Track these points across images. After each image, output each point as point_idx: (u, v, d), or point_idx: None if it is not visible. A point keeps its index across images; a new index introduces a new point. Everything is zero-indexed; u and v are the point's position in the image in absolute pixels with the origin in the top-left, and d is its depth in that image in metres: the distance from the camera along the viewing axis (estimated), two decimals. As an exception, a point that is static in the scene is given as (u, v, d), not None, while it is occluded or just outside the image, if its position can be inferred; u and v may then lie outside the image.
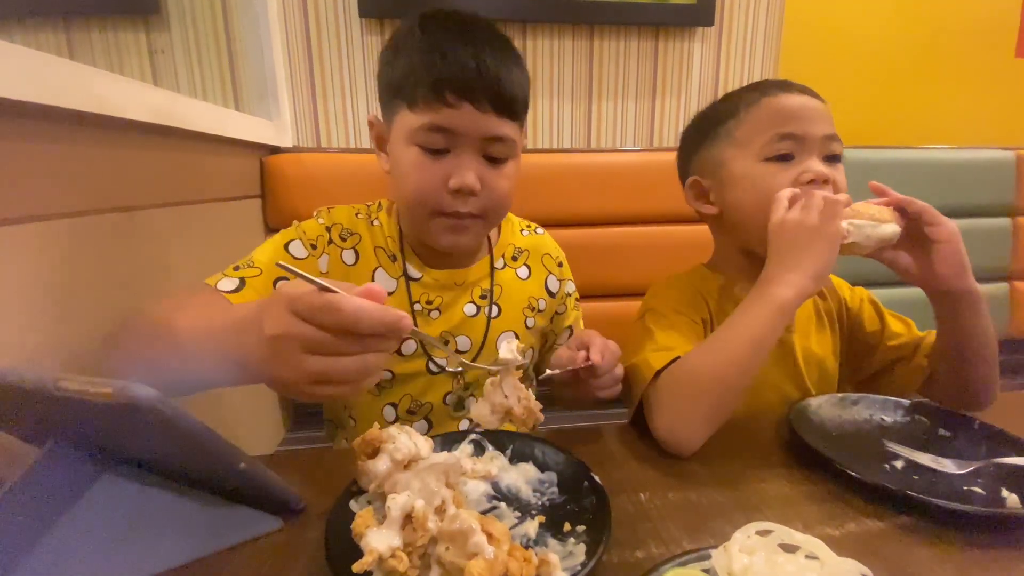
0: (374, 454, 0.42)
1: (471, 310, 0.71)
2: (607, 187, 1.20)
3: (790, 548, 0.36)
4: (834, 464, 0.48)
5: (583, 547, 0.38)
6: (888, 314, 0.74)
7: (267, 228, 1.09)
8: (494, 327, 0.72)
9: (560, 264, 0.81)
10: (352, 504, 0.42)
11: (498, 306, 0.73)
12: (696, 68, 1.41)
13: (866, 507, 0.45)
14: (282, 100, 1.20)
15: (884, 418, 0.61)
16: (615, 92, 1.39)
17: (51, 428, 0.38)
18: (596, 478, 0.44)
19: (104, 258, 0.57)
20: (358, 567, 0.32)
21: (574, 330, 0.81)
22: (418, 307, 0.69)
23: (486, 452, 0.51)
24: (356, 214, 0.71)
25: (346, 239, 0.69)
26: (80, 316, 0.51)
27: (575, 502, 0.44)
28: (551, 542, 0.40)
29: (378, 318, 0.35)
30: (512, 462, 0.50)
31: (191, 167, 0.80)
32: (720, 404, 0.55)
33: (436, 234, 0.65)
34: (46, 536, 0.35)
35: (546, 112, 1.37)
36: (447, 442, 0.50)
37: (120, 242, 0.60)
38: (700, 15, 1.34)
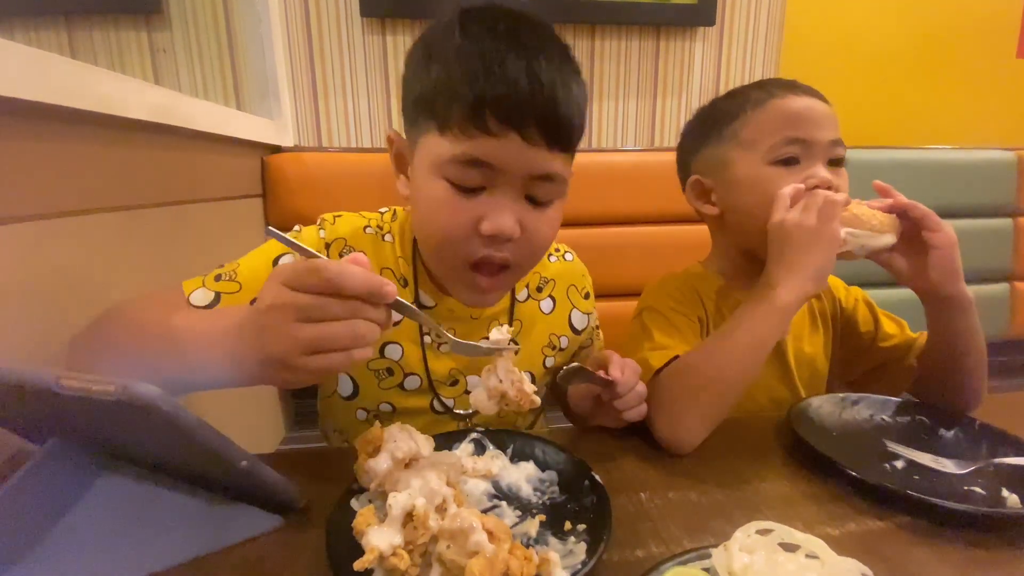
0: (375, 452, 0.42)
1: None
2: (607, 187, 1.20)
3: (790, 547, 0.36)
4: (835, 464, 0.48)
5: (584, 546, 0.38)
6: (882, 315, 0.74)
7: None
8: None
9: (587, 295, 0.73)
10: (353, 502, 0.42)
11: (516, 343, 0.69)
12: (697, 68, 1.41)
13: (866, 507, 0.45)
14: (283, 99, 1.20)
15: (884, 418, 0.61)
16: (616, 92, 1.39)
17: (52, 426, 0.38)
18: (597, 477, 0.44)
19: (105, 257, 0.57)
20: (359, 565, 0.32)
21: (592, 352, 0.75)
22: (428, 339, 0.62)
23: (487, 451, 0.51)
24: (364, 228, 0.62)
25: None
26: (80, 316, 0.51)
27: (576, 501, 0.44)
28: (552, 541, 0.40)
29: (361, 279, 0.36)
30: (513, 461, 0.50)
31: (192, 166, 0.79)
32: (719, 404, 0.55)
33: (458, 290, 0.58)
34: (47, 534, 0.35)
35: (547, 112, 1.38)
36: (448, 441, 0.51)
37: (121, 241, 0.60)
38: (701, 15, 1.34)
